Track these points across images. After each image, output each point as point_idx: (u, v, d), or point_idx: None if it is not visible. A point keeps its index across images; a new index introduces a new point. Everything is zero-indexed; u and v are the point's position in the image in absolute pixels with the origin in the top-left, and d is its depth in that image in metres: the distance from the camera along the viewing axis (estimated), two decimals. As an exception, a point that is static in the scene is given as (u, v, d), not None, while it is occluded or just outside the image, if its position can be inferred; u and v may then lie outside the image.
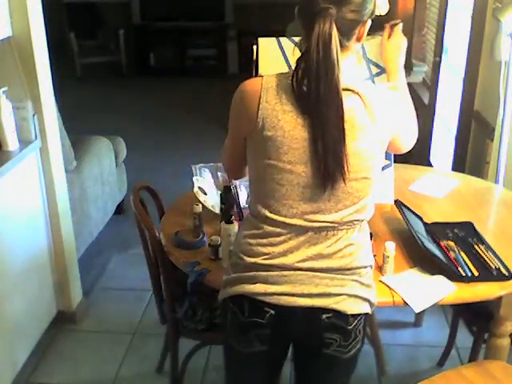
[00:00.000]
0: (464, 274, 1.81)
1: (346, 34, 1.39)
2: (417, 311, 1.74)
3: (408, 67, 4.29)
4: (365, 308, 1.52)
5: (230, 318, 1.56)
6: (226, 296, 1.55)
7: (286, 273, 1.46)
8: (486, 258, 1.90)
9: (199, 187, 2.30)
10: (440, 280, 1.80)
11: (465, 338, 2.46)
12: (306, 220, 1.45)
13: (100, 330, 2.92)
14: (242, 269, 1.51)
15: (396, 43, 1.85)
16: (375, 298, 1.56)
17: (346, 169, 1.38)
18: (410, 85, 1.86)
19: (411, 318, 2.90)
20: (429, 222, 2.11)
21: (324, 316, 1.47)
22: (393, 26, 1.87)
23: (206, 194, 2.29)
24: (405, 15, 5.16)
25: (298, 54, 1.43)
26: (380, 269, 1.86)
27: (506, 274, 1.81)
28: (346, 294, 1.48)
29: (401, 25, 1.86)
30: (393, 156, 2.11)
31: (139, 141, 5.12)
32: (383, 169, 2.04)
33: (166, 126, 5.95)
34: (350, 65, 1.46)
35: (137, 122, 5.96)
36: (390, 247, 1.82)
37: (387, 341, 2.74)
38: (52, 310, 2.87)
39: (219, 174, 2.39)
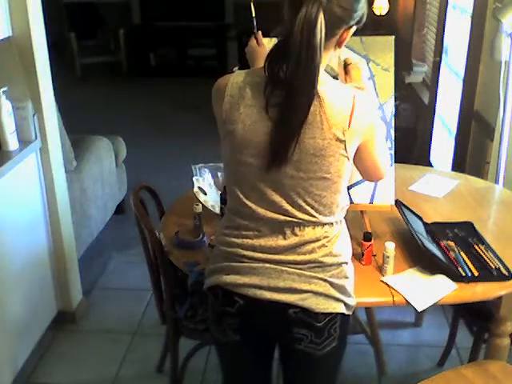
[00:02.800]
0: (464, 274, 1.81)
1: (328, 29, 1.32)
2: (420, 310, 1.74)
3: (408, 67, 4.30)
4: (338, 308, 1.51)
5: (210, 307, 1.61)
6: (206, 286, 1.59)
7: (254, 265, 1.49)
8: (486, 258, 1.90)
9: (199, 187, 2.30)
10: (441, 279, 1.80)
11: (465, 338, 2.46)
12: (273, 213, 1.45)
13: (100, 330, 2.92)
14: (220, 260, 1.55)
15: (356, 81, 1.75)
16: (353, 300, 1.55)
17: (289, 152, 1.36)
18: (410, 85, 1.84)
19: (411, 318, 2.91)
20: (429, 222, 2.11)
21: (291, 311, 1.48)
22: (345, 68, 1.78)
23: (205, 194, 2.29)
24: (405, 15, 5.16)
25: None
26: (380, 269, 1.86)
27: (506, 274, 1.81)
28: (312, 292, 1.47)
29: (350, 60, 1.79)
30: (393, 156, 2.10)
31: (139, 141, 5.12)
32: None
33: (165, 125, 5.94)
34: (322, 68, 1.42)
35: (137, 122, 5.96)
36: (390, 247, 1.82)
37: (387, 341, 2.73)
38: (52, 309, 2.87)
39: (219, 174, 2.39)
